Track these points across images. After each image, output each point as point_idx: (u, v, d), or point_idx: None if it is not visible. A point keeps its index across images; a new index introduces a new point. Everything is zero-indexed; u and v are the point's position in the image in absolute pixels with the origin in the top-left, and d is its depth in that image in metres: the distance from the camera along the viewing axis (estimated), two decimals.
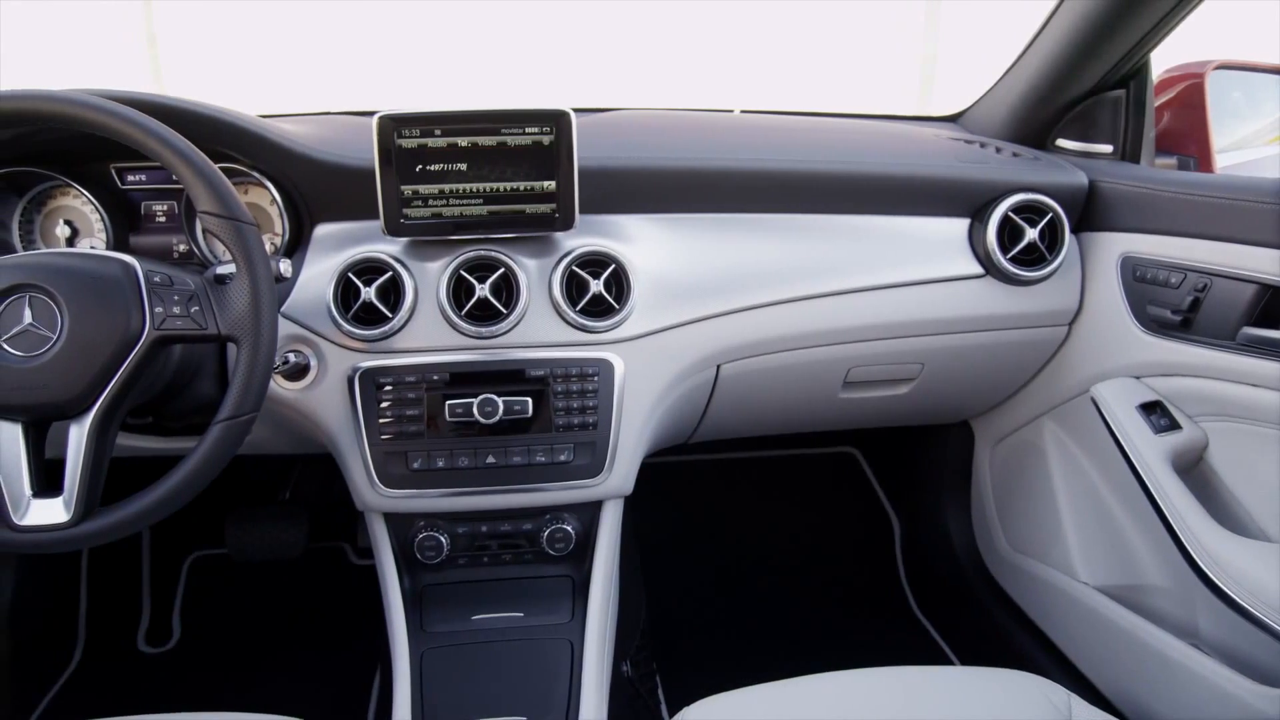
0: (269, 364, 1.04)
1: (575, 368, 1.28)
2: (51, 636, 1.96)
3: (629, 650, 1.57)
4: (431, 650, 1.33)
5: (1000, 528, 1.86)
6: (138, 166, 1.35)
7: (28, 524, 0.99)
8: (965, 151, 1.57)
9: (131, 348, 1.00)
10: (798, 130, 1.69)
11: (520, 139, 1.21)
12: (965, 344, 1.52)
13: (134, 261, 1.04)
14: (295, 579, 2.18)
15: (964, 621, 2.00)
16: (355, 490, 1.32)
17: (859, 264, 1.42)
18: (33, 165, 1.29)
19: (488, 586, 1.41)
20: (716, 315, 1.36)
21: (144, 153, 1.01)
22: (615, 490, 1.35)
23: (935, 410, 1.83)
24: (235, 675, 1.99)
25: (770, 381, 1.48)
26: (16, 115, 1.00)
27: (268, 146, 1.26)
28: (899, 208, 1.45)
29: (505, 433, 1.29)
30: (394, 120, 1.19)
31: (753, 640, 2.08)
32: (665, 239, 1.36)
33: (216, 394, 1.26)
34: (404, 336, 1.27)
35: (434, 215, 1.24)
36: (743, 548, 2.32)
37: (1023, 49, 1.59)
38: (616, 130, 1.51)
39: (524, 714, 1.27)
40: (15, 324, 0.99)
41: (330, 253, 1.29)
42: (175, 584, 2.16)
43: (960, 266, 1.46)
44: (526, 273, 1.28)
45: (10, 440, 1.00)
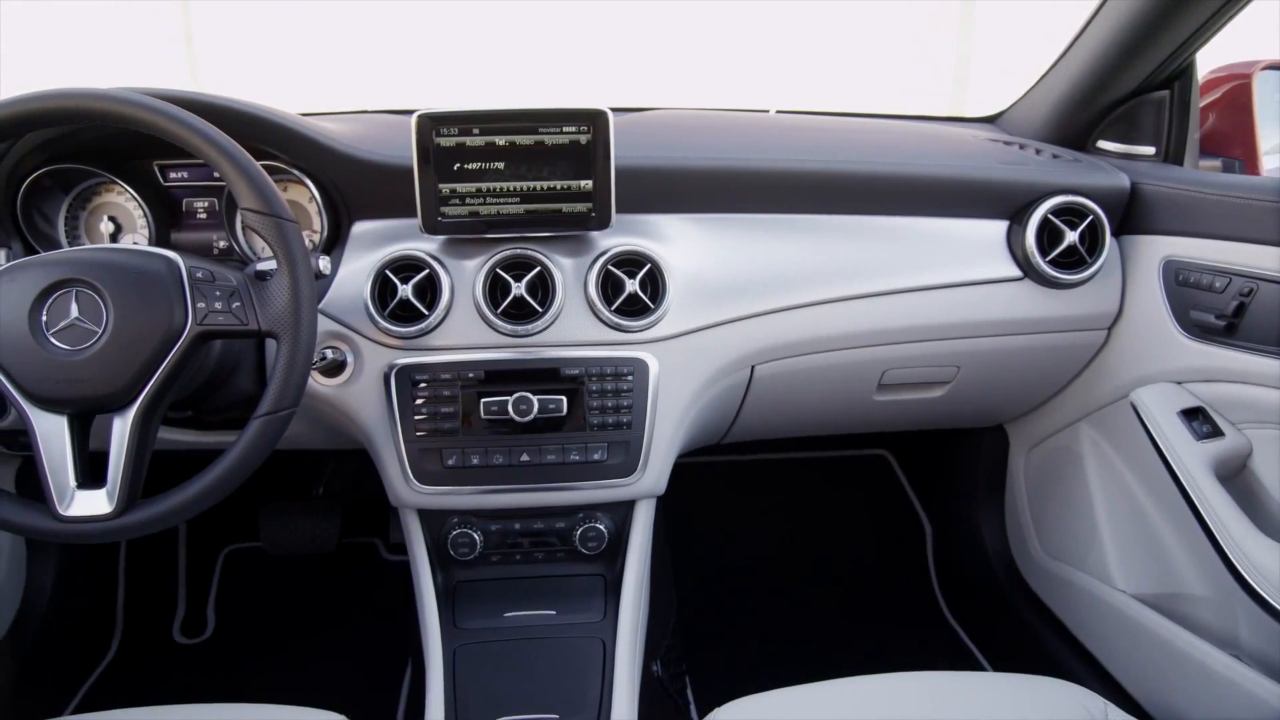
0: (308, 360, 1.05)
1: (610, 367, 1.28)
2: (90, 626, 1.99)
3: (659, 650, 1.57)
4: (464, 647, 1.34)
5: (1035, 533, 1.83)
6: (180, 164, 1.37)
7: (72, 515, 1.01)
8: (1004, 153, 1.55)
9: (174, 342, 1.01)
10: (833, 130, 1.68)
11: (557, 138, 1.21)
12: (1002, 347, 1.51)
13: (177, 257, 1.05)
14: (327, 573, 2.20)
15: (996, 627, 1.98)
16: (390, 486, 1.33)
17: (895, 266, 1.41)
18: (78, 162, 1.31)
19: (520, 584, 1.42)
20: (752, 316, 1.36)
21: (188, 150, 1.02)
22: (649, 490, 1.35)
23: (970, 414, 1.81)
24: (268, 667, 2.02)
25: (805, 383, 1.48)
26: (66, 113, 1.01)
27: (308, 144, 1.27)
28: (936, 209, 1.44)
29: (539, 431, 1.29)
30: (433, 119, 1.20)
31: (782, 642, 2.08)
32: (701, 239, 1.36)
33: (255, 389, 1.28)
34: (440, 334, 1.27)
35: (471, 214, 1.24)
36: (773, 549, 2.31)
37: (1064, 49, 1.57)
38: (653, 130, 1.51)
39: (556, 711, 1.27)
40: (62, 318, 1.00)
41: (368, 250, 1.30)
42: (210, 577, 2.18)
43: (998, 269, 1.44)
44: (562, 271, 1.28)
45: (56, 432, 1.02)
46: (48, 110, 1.01)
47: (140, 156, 1.35)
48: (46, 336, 1.00)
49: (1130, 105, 1.55)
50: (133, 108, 1.00)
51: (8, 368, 0.99)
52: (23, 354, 0.99)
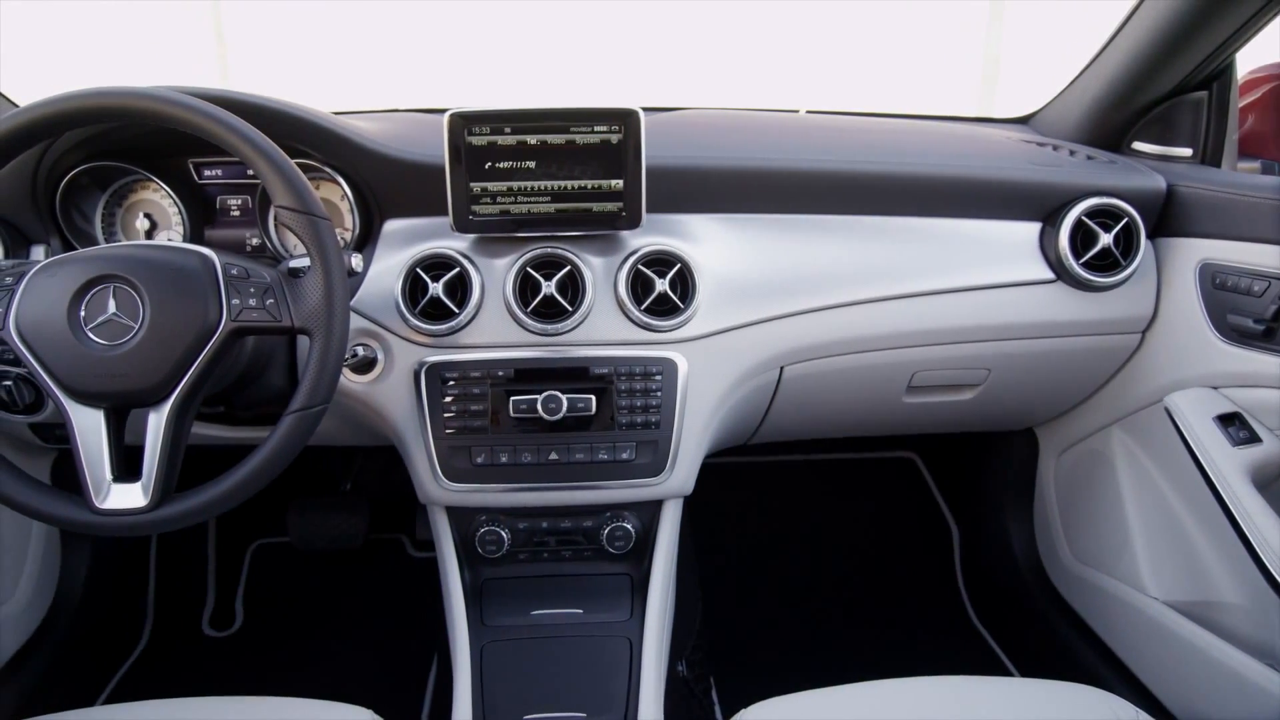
0: (340, 357, 1.05)
1: (639, 366, 1.28)
2: (122, 618, 2.02)
3: (684, 650, 1.57)
4: (491, 644, 1.34)
5: (1064, 538, 1.82)
6: (214, 161, 1.38)
7: (108, 508, 1.02)
8: (1037, 154, 1.54)
9: (209, 338, 1.02)
10: (864, 131, 1.67)
11: (589, 137, 1.22)
12: (1034, 350, 1.49)
13: (212, 254, 1.06)
14: (354, 569, 2.22)
15: (1023, 632, 1.96)
16: (419, 483, 1.34)
17: (926, 267, 1.40)
18: (115, 160, 1.33)
19: (547, 582, 1.42)
20: (781, 317, 1.35)
21: (225, 148, 1.03)
22: (676, 490, 1.35)
23: (1000, 417, 1.80)
24: (295, 661, 2.03)
25: (834, 384, 1.47)
26: (106, 111, 1.02)
27: (341, 142, 1.28)
28: (968, 210, 1.43)
29: (568, 430, 1.29)
30: (464, 118, 1.20)
31: (806, 643, 2.07)
32: (731, 239, 1.36)
33: (286, 385, 1.29)
34: (470, 332, 1.28)
35: (502, 212, 1.24)
36: (798, 551, 2.30)
37: (1099, 49, 1.56)
38: (683, 130, 1.51)
39: (583, 710, 1.27)
40: (100, 313, 1.01)
41: (399, 248, 1.31)
42: (239, 570, 2.21)
43: (1030, 271, 1.43)
44: (592, 271, 1.28)
45: (93, 426, 1.03)
46: (88, 108, 1.02)
47: (175, 154, 1.37)
48: (85, 331, 1.01)
49: (1167, 106, 1.53)
50: (171, 106, 1.01)
51: (47, 362, 1.01)
52: (61, 349, 1.00)
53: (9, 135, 1.01)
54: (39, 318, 1.01)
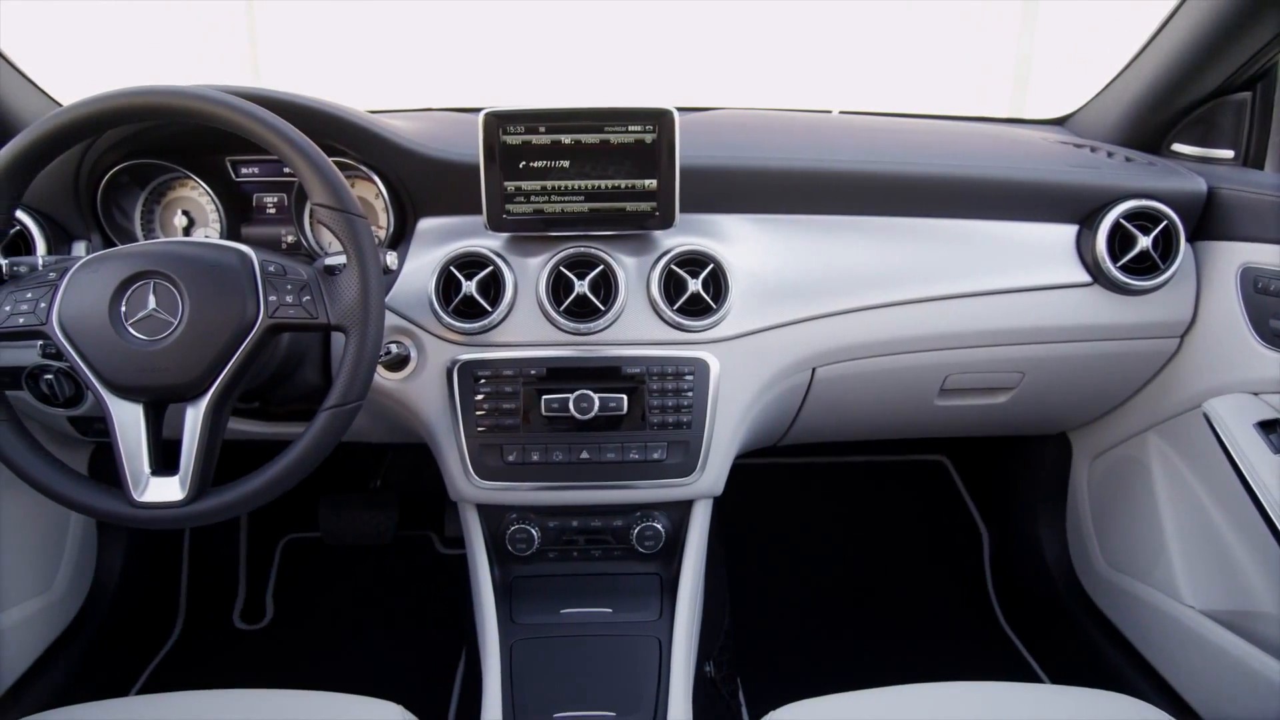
0: (375, 354, 1.06)
1: (671, 366, 1.28)
2: (155, 610, 2.04)
3: (711, 651, 1.57)
4: (521, 641, 1.35)
5: (1097, 544, 1.80)
6: (251, 159, 1.40)
7: (146, 500, 1.04)
8: (1074, 155, 1.52)
9: (246, 334, 1.03)
10: (898, 132, 1.66)
11: (623, 137, 1.22)
12: (1069, 354, 1.48)
13: (250, 252, 1.07)
14: (383, 565, 2.24)
15: (1054, 638, 1.94)
16: (450, 481, 1.34)
17: (961, 269, 1.39)
18: (155, 158, 1.35)
19: (576, 581, 1.43)
20: (814, 318, 1.35)
21: (264, 146, 1.04)
22: (707, 490, 1.35)
23: (1033, 421, 1.78)
24: (324, 654, 2.05)
25: (866, 386, 1.46)
26: (149, 110, 1.04)
27: (377, 141, 1.29)
28: (1003, 212, 1.42)
29: (599, 429, 1.29)
30: (499, 117, 1.20)
31: (833, 646, 2.06)
32: (764, 239, 1.35)
33: (320, 382, 1.30)
34: (502, 330, 1.28)
35: (536, 211, 1.25)
36: (826, 553, 2.29)
37: (1139, 49, 1.53)
38: (717, 129, 1.50)
39: (612, 709, 1.27)
40: (141, 309, 1.03)
41: (433, 246, 1.32)
42: (269, 565, 2.23)
43: (1066, 274, 1.41)
44: (625, 270, 1.28)
45: (132, 420, 1.04)
46: (132, 107, 1.03)
47: (213, 152, 1.38)
48: (125, 327, 1.02)
49: (1209, 107, 1.51)
50: (213, 105, 1.03)
51: (88, 356, 1.02)
52: (103, 343, 1.02)
53: (55, 132, 1.02)
54: (81, 313, 1.03)
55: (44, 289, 1.05)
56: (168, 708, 1.14)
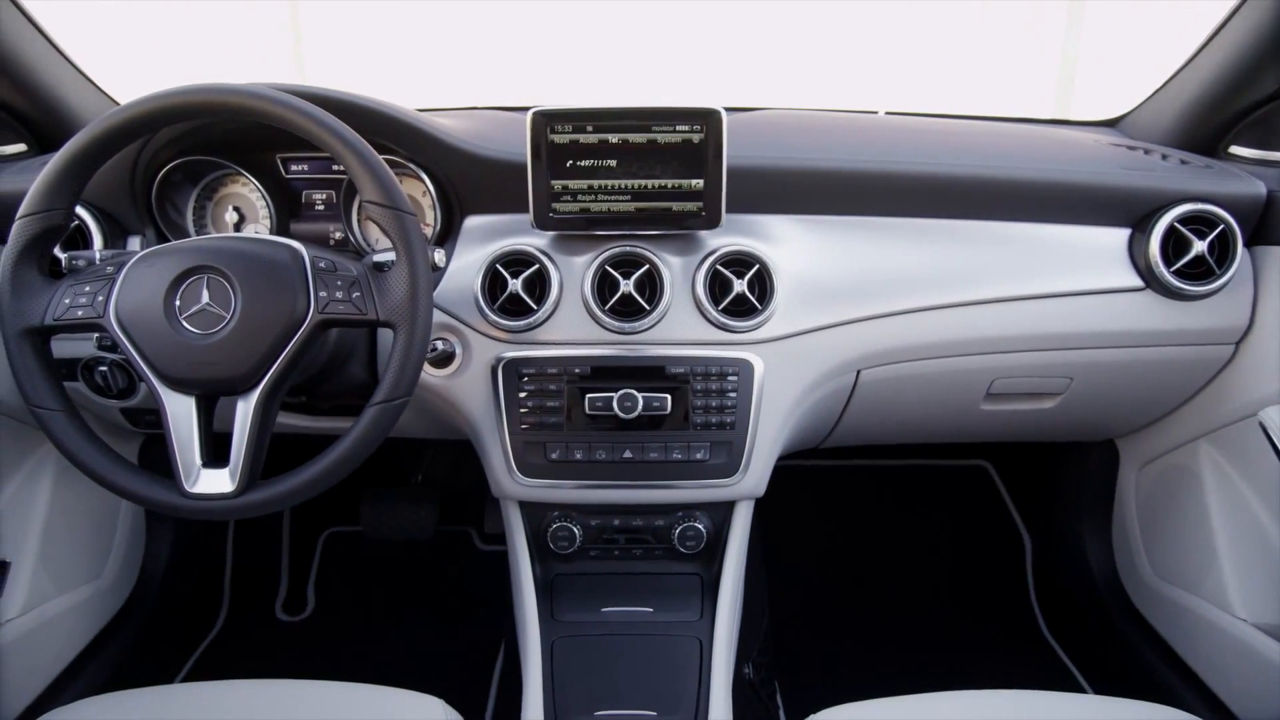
0: (423, 351, 1.07)
1: (715, 367, 1.28)
2: (200, 600, 2.08)
3: (750, 653, 1.56)
4: (562, 639, 1.35)
5: (1144, 553, 1.76)
6: (301, 157, 1.41)
7: (197, 492, 1.06)
8: (1127, 158, 1.49)
9: (297, 329, 1.04)
10: (946, 133, 1.64)
11: (670, 136, 1.21)
12: (1119, 359, 1.45)
13: (301, 248, 1.09)
14: (423, 559, 2.25)
15: (1098, 647, 1.91)
16: (493, 478, 1.35)
17: (1010, 272, 1.37)
18: (208, 155, 1.37)
19: (617, 580, 1.43)
20: (859, 320, 1.33)
21: (316, 144, 1.06)
22: (749, 491, 1.34)
23: (1080, 427, 1.75)
24: (363, 647, 2.07)
25: (911, 389, 1.45)
26: (205, 107, 1.05)
27: (426, 139, 1.30)
28: (1054, 215, 1.39)
29: (642, 428, 1.29)
30: (547, 116, 1.21)
31: (872, 650, 2.05)
32: (810, 241, 1.34)
33: (366, 377, 1.32)
34: (547, 329, 1.29)
35: (582, 210, 1.25)
36: (866, 556, 2.28)
37: (1196, 49, 1.50)
38: (763, 130, 1.50)
39: (653, 708, 1.27)
40: (194, 303, 1.04)
41: (479, 244, 1.33)
42: (311, 557, 2.26)
43: (1118, 278, 1.39)
44: (670, 270, 1.28)
45: (185, 412, 1.06)
46: (188, 104, 1.05)
47: (264, 149, 1.40)
48: (179, 320, 1.04)
49: (1269, 109, 1.47)
50: (267, 103, 1.04)
51: (143, 349, 1.04)
52: (157, 337, 1.04)
53: (115, 129, 1.05)
54: (137, 306, 1.05)
55: (102, 283, 1.07)
56: (215, 696, 1.16)
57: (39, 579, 1.54)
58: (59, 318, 1.06)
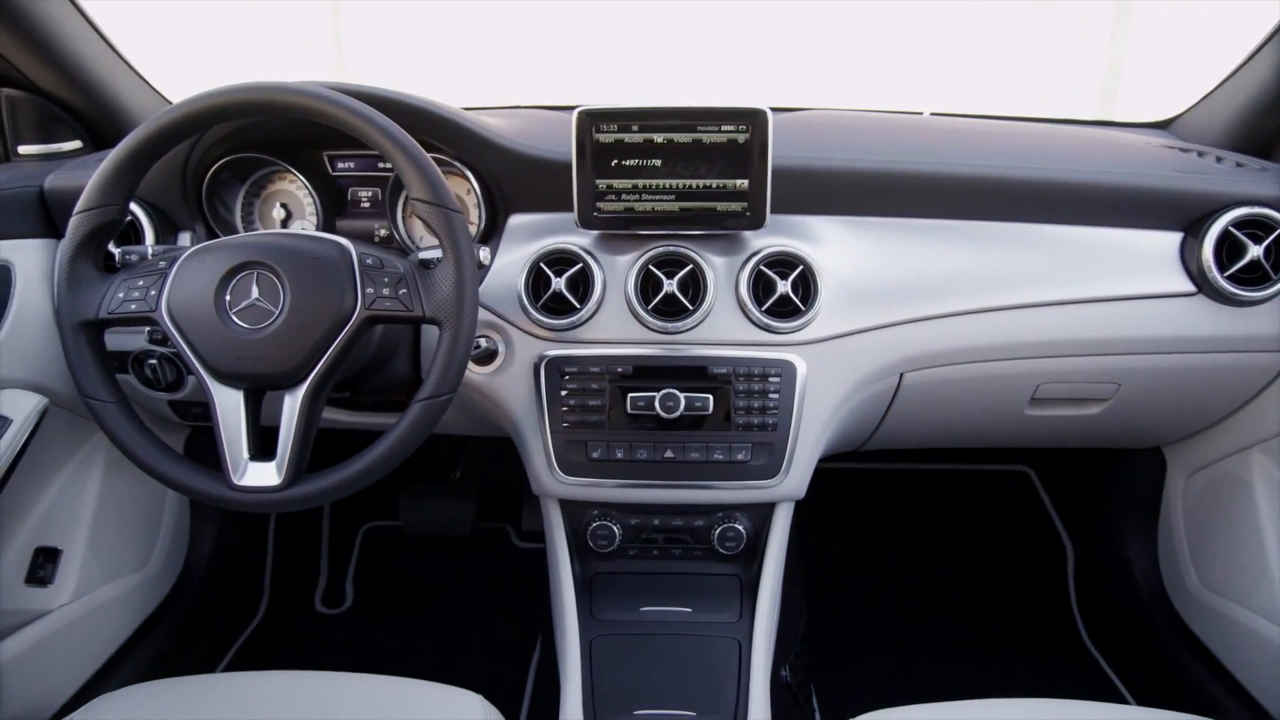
0: (468, 348, 1.07)
1: (758, 368, 1.27)
2: (241, 591, 2.11)
3: (787, 656, 1.56)
4: (600, 637, 1.36)
5: (1191, 564, 1.73)
6: (348, 154, 1.43)
7: (245, 484, 1.07)
8: (1180, 160, 1.46)
9: (344, 325, 1.05)
10: (992, 134, 1.62)
11: (715, 136, 1.21)
12: (1169, 365, 1.42)
13: (349, 244, 1.10)
14: (460, 555, 2.27)
15: (1143, 659, 1.88)
16: (534, 475, 1.35)
17: (1057, 276, 1.35)
18: (257, 152, 1.38)
19: (656, 579, 1.43)
20: (903, 322, 1.32)
21: (365, 141, 1.06)
22: (790, 493, 1.34)
23: (1127, 434, 1.72)
24: (400, 640, 2.09)
25: (955, 393, 1.43)
26: (258, 105, 1.07)
27: (471, 138, 1.31)
28: (1103, 218, 1.37)
29: (684, 428, 1.29)
30: (592, 115, 1.21)
31: (909, 655, 2.03)
32: (854, 242, 1.33)
33: (409, 374, 1.33)
34: (590, 327, 1.29)
35: (626, 209, 1.25)
36: (905, 560, 2.26)
37: (1253, 50, 1.47)
38: (808, 130, 1.49)
39: (692, 709, 1.27)
40: (244, 298, 1.06)
41: (522, 242, 1.33)
42: (350, 551, 2.28)
43: (1169, 283, 1.36)
44: (714, 270, 1.28)
45: (233, 406, 1.08)
46: (241, 102, 1.07)
47: (312, 147, 1.42)
48: (229, 315, 1.06)
49: None
50: (318, 100, 1.05)
51: (194, 343, 1.06)
52: (208, 331, 1.05)
53: (171, 126, 1.06)
54: (188, 300, 1.06)
55: (154, 277, 1.09)
56: (260, 686, 1.17)
57: (89, 566, 1.57)
58: (113, 311, 1.08)
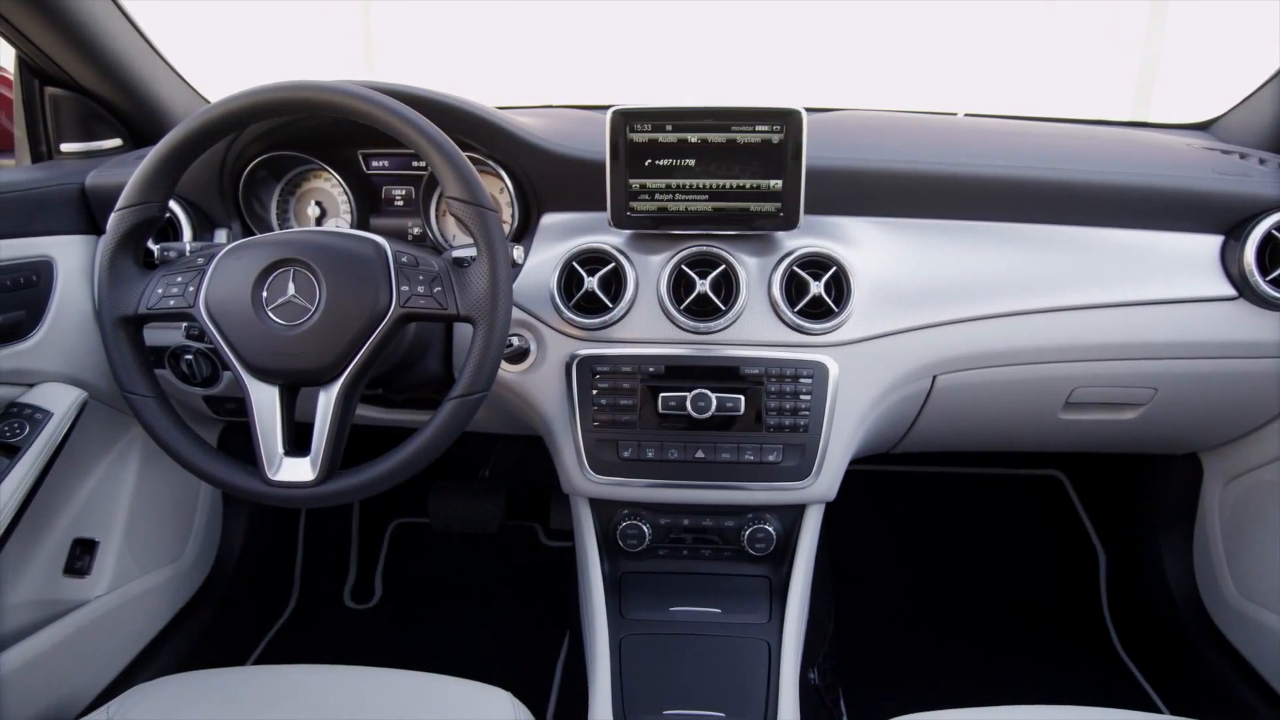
0: (502, 346, 1.08)
1: (790, 369, 1.27)
2: (271, 585, 2.13)
3: (815, 658, 1.55)
4: (630, 636, 1.36)
5: (1228, 572, 1.70)
6: (382, 153, 1.44)
7: (280, 479, 1.08)
8: (1221, 162, 1.44)
9: (379, 323, 1.06)
10: (1027, 135, 1.60)
11: (749, 137, 1.21)
12: (1207, 370, 1.40)
13: (384, 242, 1.10)
14: (488, 552, 2.28)
15: (1176, 667, 1.85)
16: (564, 474, 1.36)
17: (1094, 279, 1.33)
18: (293, 150, 1.40)
19: (685, 579, 1.43)
20: (937, 325, 1.31)
21: (401, 140, 1.07)
22: (821, 495, 1.33)
23: (1163, 439, 1.70)
24: (428, 636, 2.11)
25: (988, 396, 1.42)
26: (296, 104, 1.08)
27: (506, 137, 1.31)
28: (1141, 220, 1.35)
29: (715, 429, 1.29)
30: (626, 115, 1.21)
31: (938, 660, 2.01)
32: (888, 243, 1.33)
33: (441, 372, 1.33)
34: (622, 327, 1.29)
35: (659, 209, 1.25)
36: (934, 564, 2.24)
37: None
38: (842, 131, 1.48)
39: (721, 709, 1.27)
40: (280, 295, 1.07)
41: (555, 241, 1.33)
42: (379, 547, 2.30)
43: (1209, 287, 1.34)
44: (746, 271, 1.27)
45: (269, 401, 1.09)
46: (279, 101, 1.07)
47: (346, 145, 1.43)
48: (266, 311, 1.06)
49: None
50: (355, 99, 1.06)
51: (231, 339, 1.07)
52: (244, 327, 1.06)
53: (211, 124, 1.08)
54: (226, 297, 1.07)
55: (192, 274, 1.10)
56: (294, 679, 1.18)
57: (124, 559, 1.59)
58: (152, 307, 1.10)
